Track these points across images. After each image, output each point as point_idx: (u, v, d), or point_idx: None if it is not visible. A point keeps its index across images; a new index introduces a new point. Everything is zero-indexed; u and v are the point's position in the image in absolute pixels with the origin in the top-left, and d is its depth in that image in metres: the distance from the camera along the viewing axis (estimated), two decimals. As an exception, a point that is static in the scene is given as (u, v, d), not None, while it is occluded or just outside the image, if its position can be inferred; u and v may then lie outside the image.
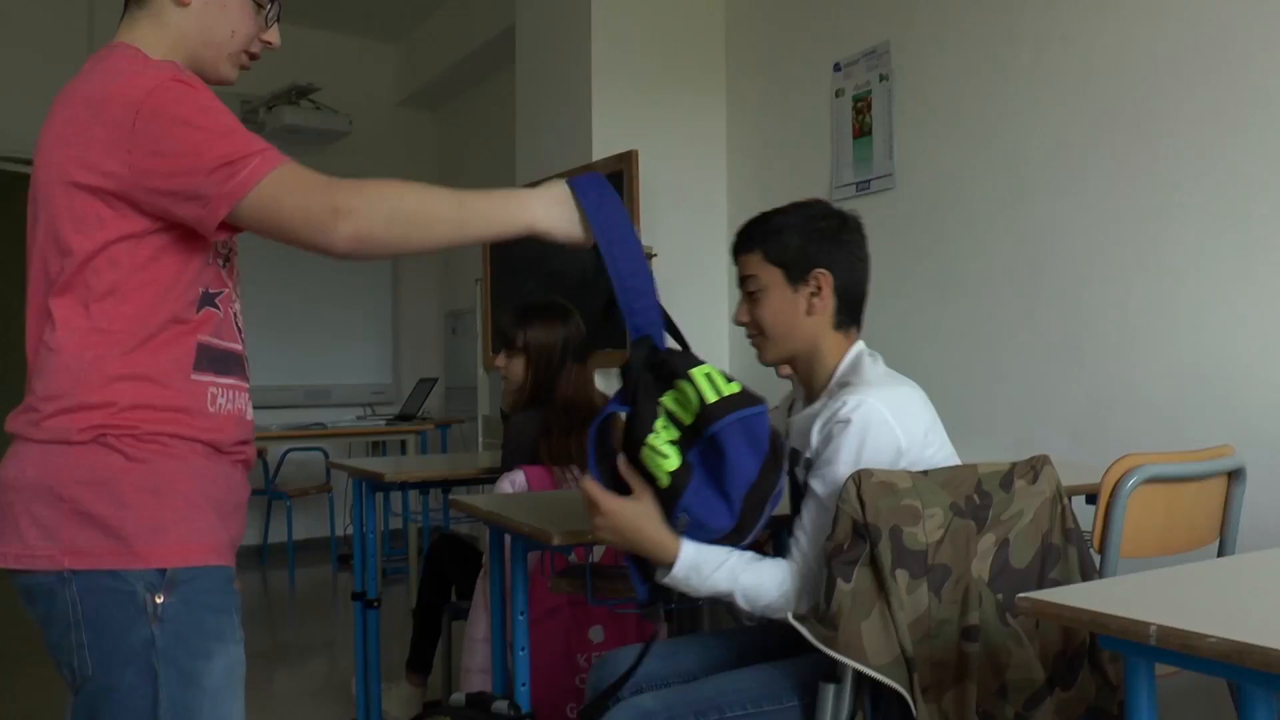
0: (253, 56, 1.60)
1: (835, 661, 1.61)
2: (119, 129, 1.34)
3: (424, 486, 4.28)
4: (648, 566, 1.77)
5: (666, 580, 1.73)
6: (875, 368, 1.89)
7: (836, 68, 4.16)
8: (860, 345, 1.94)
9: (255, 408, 1.62)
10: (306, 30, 7.01)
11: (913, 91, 3.83)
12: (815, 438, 1.81)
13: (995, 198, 3.52)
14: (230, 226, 1.39)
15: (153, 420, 1.39)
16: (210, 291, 1.48)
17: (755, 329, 1.96)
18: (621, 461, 1.70)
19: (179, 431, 1.41)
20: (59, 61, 3.64)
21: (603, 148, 4.51)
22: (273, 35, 1.61)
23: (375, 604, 3.37)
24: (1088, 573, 1.76)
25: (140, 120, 1.34)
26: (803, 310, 1.90)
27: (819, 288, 1.89)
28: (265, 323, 6.83)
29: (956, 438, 1.96)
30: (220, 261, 1.52)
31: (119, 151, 1.34)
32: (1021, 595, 1.22)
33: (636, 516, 1.70)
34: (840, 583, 1.62)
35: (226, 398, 1.50)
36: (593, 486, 1.72)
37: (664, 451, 1.62)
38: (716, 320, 4.64)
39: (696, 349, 1.71)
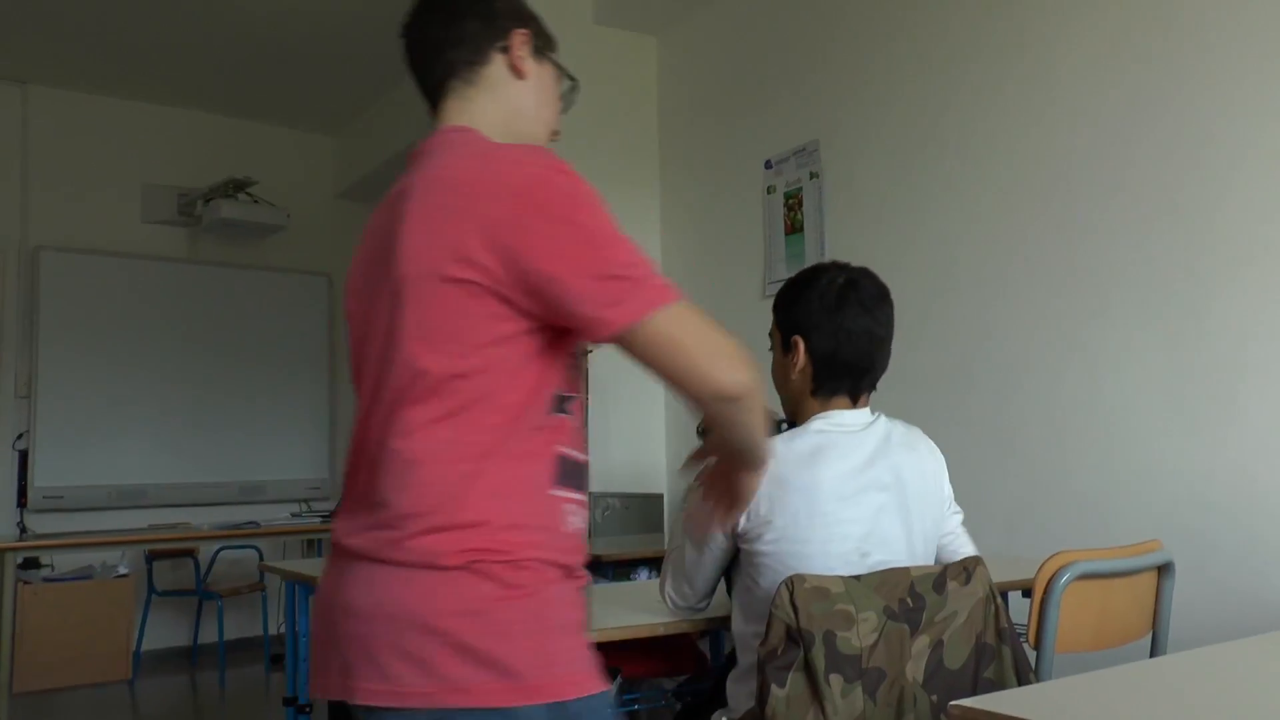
0: (554, 134, 1.52)
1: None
2: (500, 221, 1.22)
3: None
4: None
5: None
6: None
7: (768, 165, 4.25)
8: (832, 413, 1.94)
9: (185, 505, 1.53)
10: (243, 122, 7.02)
11: (842, 189, 3.93)
12: None
13: (925, 295, 3.60)
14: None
15: (523, 543, 1.25)
16: (564, 395, 1.33)
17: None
18: None
19: (543, 555, 1.27)
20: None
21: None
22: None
23: (307, 709, 3.26)
24: (1022, 671, 1.77)
25: (526, 213, 1.22)
26: (787, 374, 1.98)
27: (796, 355, 1.94)
28: (197, 417, 6.72)
29: None
30: (574, 361, 1.38)
31: (499, 245, 1.21)
32: (954, 703, 1.21)
33: None
34: (775, 688, 1.61)
35: (577, 515, 1.35)
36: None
37: None
38: (654, 412, 4.65)
39: (631, 444, 1.71)
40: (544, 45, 1.50)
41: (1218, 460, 2.76)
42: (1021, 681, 1.76)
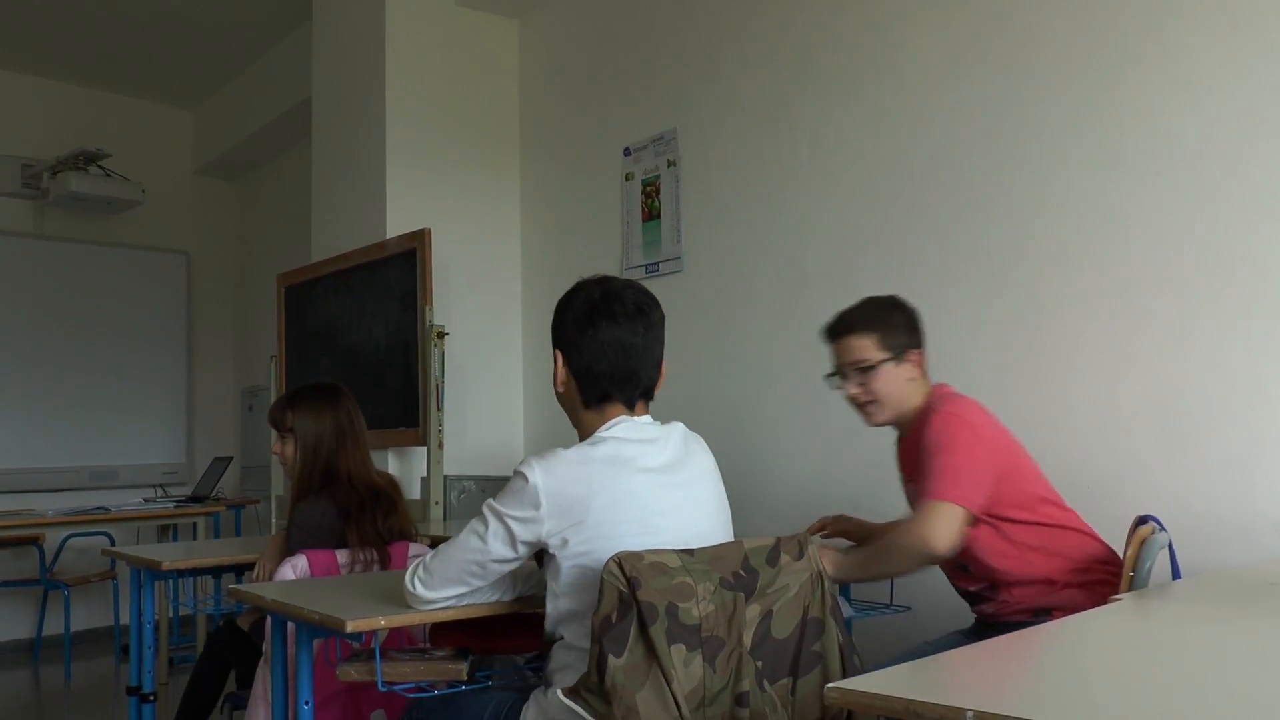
0: None
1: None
2: None
3: (215, 572, 4.10)
4: None
5: None
6: None
7: (626, 152, 4.31)
8: (623, 419, 2.00)
9: (31, 491, 1.50)
10: (95, 92, 6.75)
11: (699, 178, 4.01)
12: None
13: (778, 284, 3.71)
14: None
15: None
16: None
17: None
18: None
19: None
20: None
21: (396, 225, 4.52)
22: None
23: (151, 698, 3.20)
24: (846, 647, 1.86)
25: None
26: (558, 382, 2.04)
27: (556, 367, 2.03)
28: (45, 400, 6.46)
29: (743, 515, 2.05)
30: None
31: None
32: (830, 685, 1.22)
33: None
34: (612, 658, 1.66)
35: None
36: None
37: None
38: (511, 395, 4.68)
39: (489, 427, 1.76)
40: None
41: (1048, 448, 2.92)
42: (845, 657, 1.85)
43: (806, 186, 3.64)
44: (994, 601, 2.39)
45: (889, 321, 2.46)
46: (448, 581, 1.96)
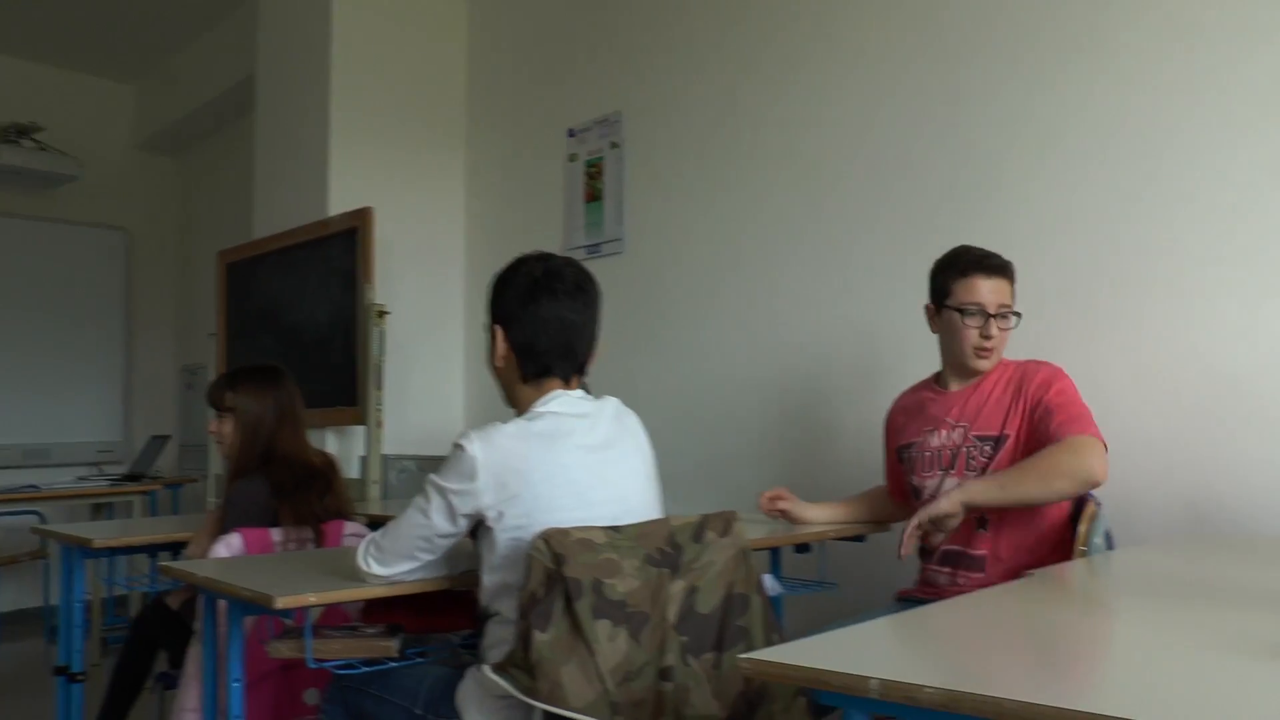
0: None
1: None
2: None
3: (150, 550, 4.06)
4: None
5: None
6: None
7: (571, 133, 4.32)
8: (560, 393, 2.02)
9: None
10: (31, 64, 6.61)
11: (642, 161, 4.03)
12: None
13: (715, 268, 3.75)
14: None
15: None
16: None
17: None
18: None
19: None
20: None
21: (339, 203, 4.49)
22: None
23: (80, 678, 3.16)
24: (769, 622, 1.90)
25: None
26: (495, 360, 2.07)
27: (495, 343, 2.04)
28: (-25, 376, 6.34)
29: (690, 490, 2.08)
30: None
31: None
32: (743, 656, 1.25)
33: None
34: (538, 633, 1.68)
35: None
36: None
37: None
38: (452, 375, 4.67)
39: (428, 407, 1.77)
40: None
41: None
42: (768, 632, 1.88)
43: (747, 173, 3.67)
44: (969, 573, 2.40)
45: None
46: (399, 557, 1.97)
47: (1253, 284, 2.53)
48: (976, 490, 2.25)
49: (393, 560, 1.98)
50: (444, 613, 2.51)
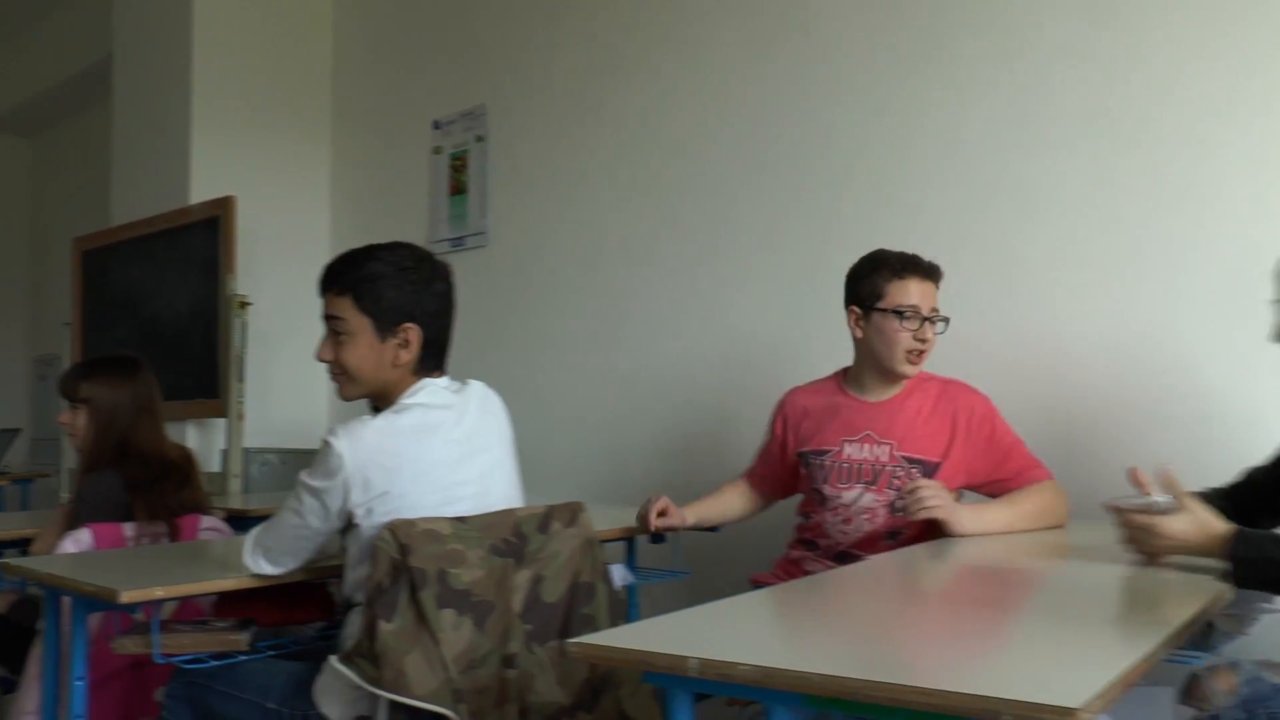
0: None
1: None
2: None
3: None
4: None
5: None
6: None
7: (436, 125, 4.32)
8: (426, 383, 2.02)
9: None
10: None
11: (506, 155, 4.06)
12: None
13: (578, 261, 3.81)
14: None
15: None
16: None
17: (339, 368, 2.02)
18: None
19: None
20: None
21: (201, 191, 4.40)
22: None
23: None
24: (615, 609, 1.96)
25: None
26: (389, 360, 1.98)
27: (407, 341, 1.98)
28: None
29: (544, 481, 2.11)
30: None
31: None
32: (571, 641, 1.29)
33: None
34: (383, 623, 1.71)
35: None
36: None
37: None
38: (317, 367, 4.59)
39: (292, 399, 1.76)
40: None
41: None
42: (614, 620, 1.94)
43: (609, 168, 3.73)
44: (825, 560, 2.46)
45: None
46: (286, 555, 1.97)
47: (1077, 279, 2.71)
48: (987, 523, 2.25)
49: (282, 558, 1.97)
50: (300, 605, 2.51)
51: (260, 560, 1.97)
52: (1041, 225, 2.78)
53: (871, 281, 2.43)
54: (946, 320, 2.43)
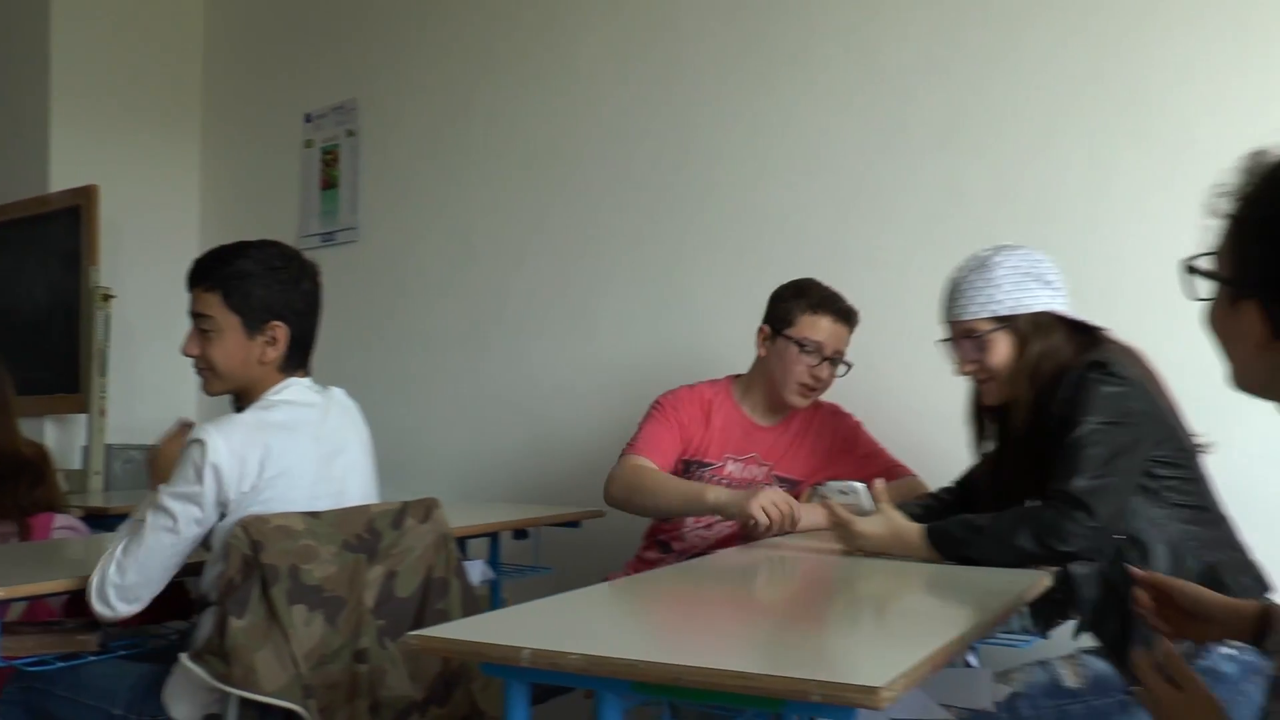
0: None
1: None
2: None
3: None
4: None
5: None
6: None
7: (308, 118, 4.28)
8: (292, 382, 2.03)
9: None
10: None
11: (378, 150, 4.05)
12: None
13: (448, 259, 3.83)
14: None
15: None
16: None
17: (205, 364, 2.02)
18: None
19: None
20: None
21: (61, 179, 4.27)
22: None
23: None
24: (469, 605, 2.00)
25: None
26: (256, 358, 1.98)
27: (274, 339, 1.98)
28: None
29: (411, 479, 2.12)
30: None
31: None
32: (410, 634, 1.32)
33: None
34: (233, 619, 1.72)
35: None
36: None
37: None
38: (184, 363, 4.48)
39: (157, 396, 1.74)
40: None
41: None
42: (468, 615, 1.98)
43: (480, 166, 3.75)
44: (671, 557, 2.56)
45: None
46: (152, 583, 1.87)
47: (933, 282, 2.83)
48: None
49: (144, 591, 1.86)
50: (157, 605, 2.48)
51: (115, 603, 1.84)
52: (896, 232, 2.91)
53: (787, 306, 2.51)
54: (849, 365, 2.51)
